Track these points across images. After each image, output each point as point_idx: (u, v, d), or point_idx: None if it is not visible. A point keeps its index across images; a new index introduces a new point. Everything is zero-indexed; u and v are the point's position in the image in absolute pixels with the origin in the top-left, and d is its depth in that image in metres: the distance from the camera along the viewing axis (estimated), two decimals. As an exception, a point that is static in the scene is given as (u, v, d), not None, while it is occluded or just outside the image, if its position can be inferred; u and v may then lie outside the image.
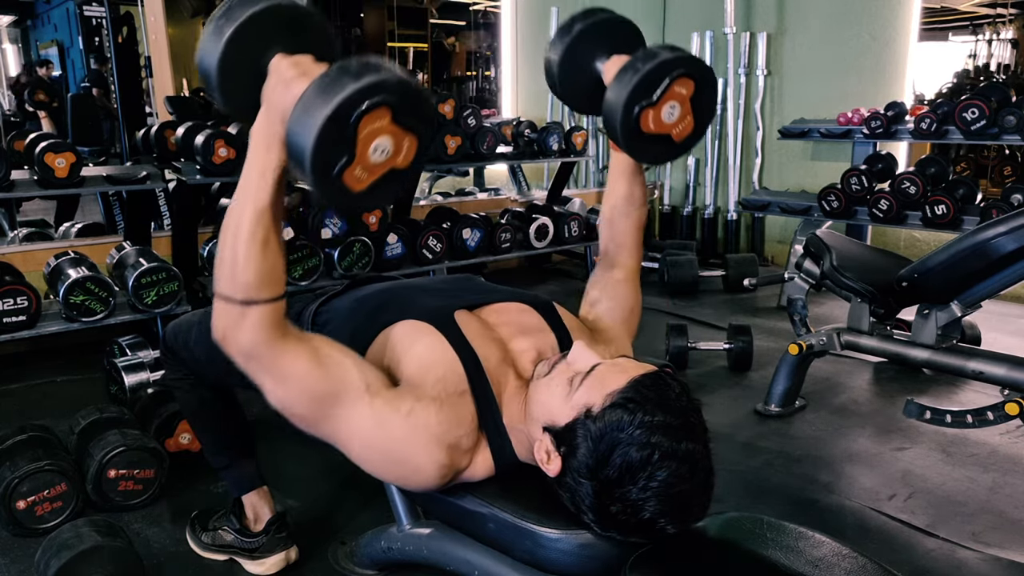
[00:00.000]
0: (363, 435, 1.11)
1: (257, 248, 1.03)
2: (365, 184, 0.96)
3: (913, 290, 2.32)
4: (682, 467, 1.00)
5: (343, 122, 0.89)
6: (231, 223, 1.05)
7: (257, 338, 1.05)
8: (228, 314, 1.06)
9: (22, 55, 11.60)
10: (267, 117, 1.03)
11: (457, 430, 1.12)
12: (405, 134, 0.96)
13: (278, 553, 1.79)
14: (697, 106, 1.21)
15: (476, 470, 1.17)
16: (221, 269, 1.06)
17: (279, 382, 1.09)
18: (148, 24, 4.91)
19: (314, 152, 0.89)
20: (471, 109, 3.99)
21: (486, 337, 1.24)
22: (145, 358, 2.69)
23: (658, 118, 1.18)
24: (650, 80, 1.15)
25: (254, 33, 1.00)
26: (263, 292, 1.05)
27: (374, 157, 0.94)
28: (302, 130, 0.90)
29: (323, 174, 0.92)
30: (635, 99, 1.15)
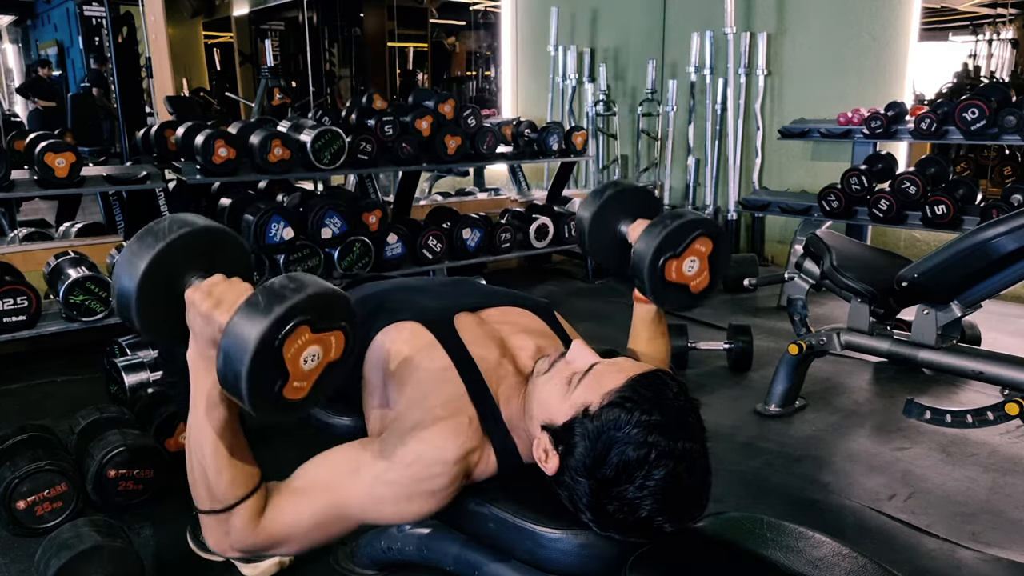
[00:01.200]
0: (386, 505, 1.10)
1: (224, 459, 1.05)
2: (306, 390, 1.00)
3: (913, 290, 2.32)
4: (679, 466, 1.00)
5: (267, 356, 0.92)
6: (194, 447, 1.06)
7: (247, 532, 1.06)
8: (217, 526, 1.07)
9: (22, 55, 11.60)
10: (197, 345, 1.04)
11: (460, 437, 1.12)
12: (330, 334, 0.99)
13: (272, 557, 1.79)
14: (713, 263, 1.36)
15: (480, 470, 1.17)
16: (197, 490, 1.07)
17: (289, 545, 1.10)
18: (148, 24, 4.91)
19: (248, 390, 0.92)
20: (471, 109, 3.99)
21: (485, 335, 1.24)
22: (145, 358, 2.69)
23: (680, 269, 1.33)
24: (675, 235, 1.30)
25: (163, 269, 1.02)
26: (242, 491, 1.06)
27: (307, 366, 0.98)
28: (231, 375, 0.93)
29: (265, 403, 0.95)
30: (662, 251, 1.30)
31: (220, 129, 3.22)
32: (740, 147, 5.06)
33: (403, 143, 3.69)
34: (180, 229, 1.03)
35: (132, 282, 1.01)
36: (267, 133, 3.23)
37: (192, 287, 1.03)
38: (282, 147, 3.22)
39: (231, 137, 3.17)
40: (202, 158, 3.11)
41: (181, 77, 7.83)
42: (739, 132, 5.05)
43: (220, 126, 3.34)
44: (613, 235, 1.45)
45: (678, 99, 5.33)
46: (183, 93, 7.81)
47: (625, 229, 1.43)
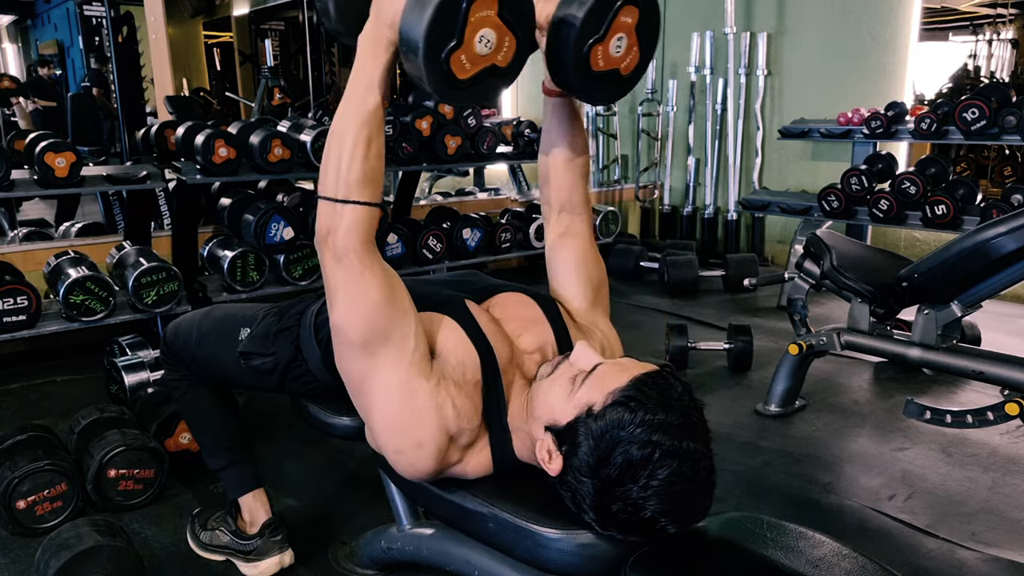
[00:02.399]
0: (388, 386, 1.13)
1: (362, 149, 1.10)
2: (469, 73, 1.03)
3: (913, 290, 2.32)
4: (683, 466, 1.00)
5: (456, 4, 0.97)
6: (338, 126, 1.11)
7: (351, 241, 1.11)
8: (331, 213, 1.11)
9: (22, 55, 11.60)
10: (376, 23, 1.09)
11: (464, 423, 1.13)
12: (507, 32, 1.04)
13: (272, 556, 1.79)
14: (642, 35, 1.14)
15: (472, 467, 1.17)
16: (327, 170, 1.12)
17: (350, 299, 1.13)
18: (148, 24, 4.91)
19: (428, 30, 0.97)
20: (471, 109, 3.99)
21: (496, 332, 1.24)
22: (145, 358, 2.69)
23: (607, 53, 1.11)
24: (596, 12, 1.07)
25: None
26: (363, 193, 1.11)
27: (479, 47, 1.02)
28: (417, 11, 0.98)
29: (433, 54, 0.99)
30: (585, 37, 1.08)
31: (220, 129, 3.22)
32: (740, 147, 5.06)
33: (403, 143, 3.69)
34: None
35: None
36: (267, 133, 3.23)
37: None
38: (282, 147, 3.22)
39: (231, 137, 3.17)
40: (202, 158, 3.11)
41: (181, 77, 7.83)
42: (739, 132, 5.05)
43: (220, 126, 3.34)
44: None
45: (678, 99, 5.33)
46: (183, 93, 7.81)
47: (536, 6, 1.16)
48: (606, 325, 1.41)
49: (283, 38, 10.22)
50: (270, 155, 3.20)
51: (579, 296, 1.40)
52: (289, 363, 1.47)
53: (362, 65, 1.10)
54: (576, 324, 1.35)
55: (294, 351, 1.47)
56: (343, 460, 2.35)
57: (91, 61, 7.41)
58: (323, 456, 2.36)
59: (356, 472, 2.29)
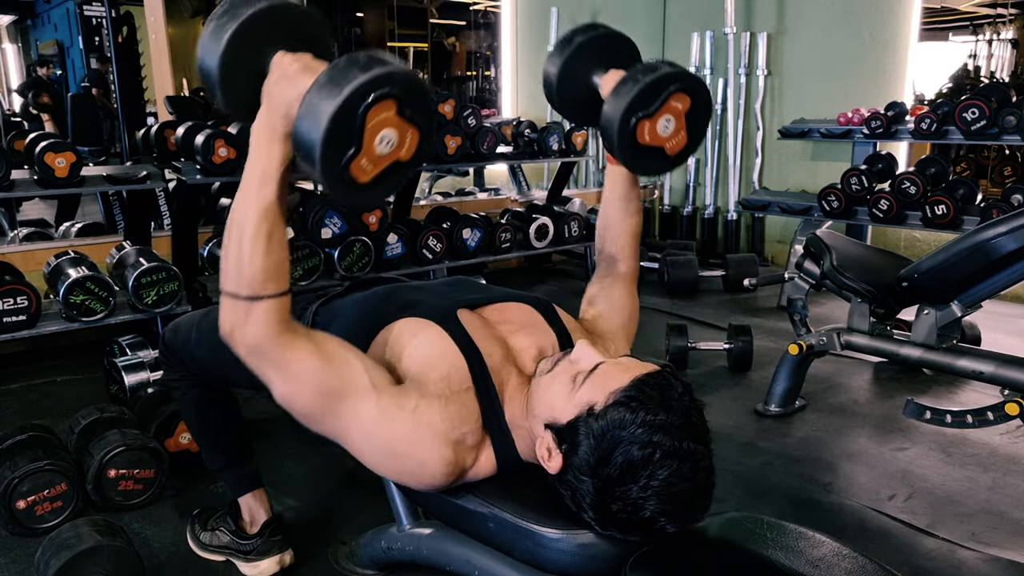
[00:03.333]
0: (368, 431, 1.10)
1: (262, 244, 1.04)
2: (370, 176, 0.98)
3: (913, 290, 2.32)
4: (683, 466, 1.00)
5: (352, 113, 0.92)
6: (235, 221, 1.06)
7: (263, 334, 1.06)
8: (235, 311, 1.07)
9: (22, 55, 11.60)
10: (268, 113, 1.03)
11: (462, 427, 1.12)
12: (408, 127, 0.99)
13: (272, 556, 1.79)
14: (691, 122, 1.23)
15: (478, 469, 1.17)
16: (227, 266, 1.07)
17: (285, 379, 1.09)
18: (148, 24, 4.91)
19: (324, 143, 0.92)
20: (471, 109, 3.98)
21: (488, 334, 1.24)
22: (145, 358, 2.69)
23: (653, 130, 1.19)
24: (648, 92, 1.17)
25: (256, 32, 1.02)
26: (268, 287, 1.05)
27: (380, 148, 0.97)
28: (311, 121, 0.92)
29: (332, 165, 0.94)
30: (633, 110, 1.17)
31: (220, 129, 3.22)
32: (740, 147, 5.06)
33: (403, 143, 3.68)
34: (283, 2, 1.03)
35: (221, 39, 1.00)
36: (267, 133, 3.22)
37: (282, 52, 1.03)
38: (282, 147, 3.22)
39: (231, 137, 3.17)
40: (202, 158, 3.11)
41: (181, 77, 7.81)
42: (739, 132, 5.05)
43: (220, 126, 3.34)
44: (585, 89, 1.32)
45: (678, 99, 5.33)
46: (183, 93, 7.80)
47: (598, 81, 1.29)
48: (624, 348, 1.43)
49: (283, 38, 10.21)
50: (270, 155, 3.19)
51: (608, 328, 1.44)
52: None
53: (255, 157, 1.04)
54: (579, 329, 1.35)
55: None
56: (343, 460, 2.35)
57: (91, 61, 7.41)
58: (323, 456, 2.36)
59: (356, 472, 2.29)
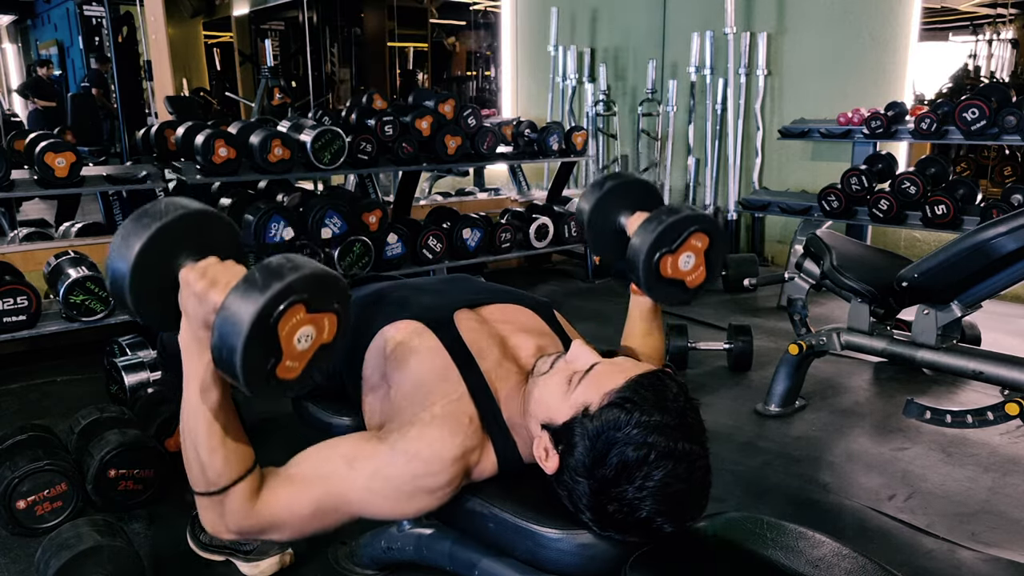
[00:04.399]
0: (386, 500, 1.10)
1: (217, 442, 1.05)
2: (298, 371, 1.00)
3: (913, 290, 2.32)
4: (679, 467, 1.00)
5: (262, 332, 0.93)
6: (187, 430, 1.06)
7: (243, 517, 1.06)
8: (212, 507, 1.07)
9: (22, 55, 11.61)
10: (189, 327, 1.04)
11: (459, 436, 1.12)
12: (324, 316, 1.00)
13: (272, 556, 1.79)
14: (709, 259, 1.35)
15: (480, 469, 1.17)
16: (192, 472, 1.07)
17: (283, 531, 1.10)
18: (148, 24, 4.91)
19: (243, 367, 0.93)
20: (471, 109, 3.99)
21: (485, 334, 1.24)
22: (145, 358, 2.69)
23: (675, 264, 1.32)
24: (671, 231, 1.30)
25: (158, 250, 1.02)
26: (236, 473, 1.06)
27: (300, 346, 0.98)
28: (226, 352, 0.94)
29: (257, 380, 0.96)
30: (658, 245, 1.29)
31: (220, 129, 3.22)
32: (740, 147, 5.06)
33: (403, 143, 3.69)
34: (176, 211, 1.03)
35: (126, 262, 1.01)
36: (267, 133, 3.23)
37: (187, 267, 1.03)
38: (282, 147, 3.22)
39: (231, 137, 3.17)
40: (202, 158, 3.11)
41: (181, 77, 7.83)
42: (739, 132, 5.05)
43: (220, 126, 3.34)
44: (613, 227, 1.45)
45: (678, 99, 5.33)
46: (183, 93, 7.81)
47: (624, 221, 1.43)
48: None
49: (283, 38, 10.22)
50: (270, 155, 3.20)
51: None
52: (288, 363, 1.47)
53: (190, 367, 1.05)
54: (577, 333, 1.36)
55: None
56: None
57: (91, 61, 7.42)
58: (323, 456, 2.36)
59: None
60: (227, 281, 0.97)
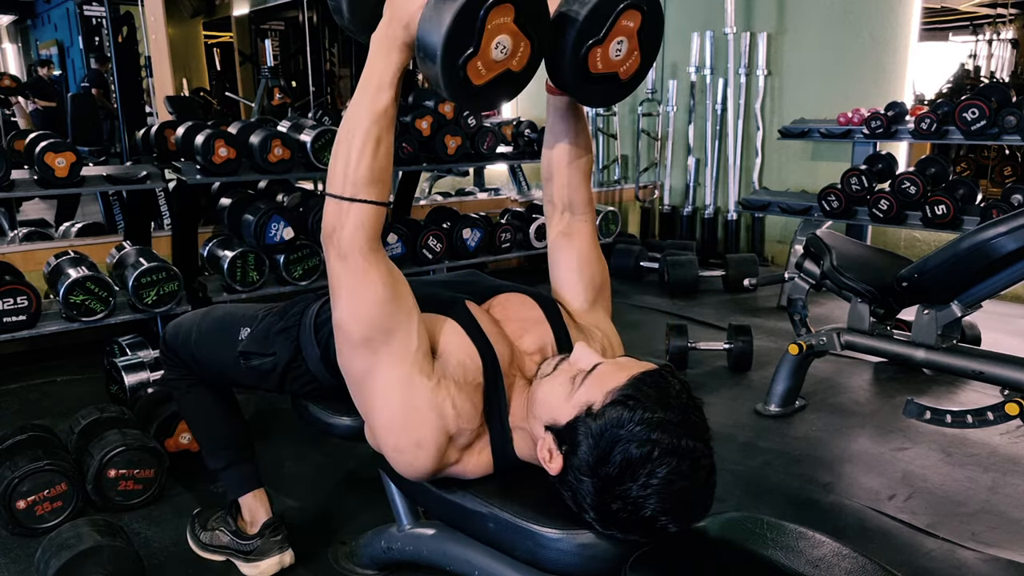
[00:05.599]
0: (389, 385, 1.13)
1: (371, 148, 1.10)
2: (485, 79, 1.04)
3: (913, 290, 2.32)
4: (683, 464, 1.00)
5: (473, 12, 0.98)
6: (348, 124, 1.11)
7: (355, 238, 1.10)
8: (337, 211, 1.11)
9: (22, 55, 11.60)
10: (390, 23, 1.09)
11: (464, 423, 1.13)
12: (522, 37, 1.04)
13: (272, 556, 1.79)
14: (644, 40, 1.14)
15: (473, 466, 1.17)
16: (335, 168, 1.12)
17: (352, 297, 1.12)
18: (148, 24, 4.91)
19: (447, 38, 0.98)
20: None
21: (496, 334, 1.24)
22: (145, 358, 2.69)
23: (606, 56, 1.11)
24: (596, 15, 1.08)
25: None
26: (370, 191, 1.10)
27: (495, 53, 1.03)
28: (435, 19, 0.99)
29: (451, 61, 1.00)
30: (583, 39, 1.09)
31: (220, 129, 3.22)
32: (740, 147, 5.06)
33: (403, 143, 3.69)
34: None
35: None
36: (267, 133, 3.23)
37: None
38: (282, 147, 3.22)
39: (231, 137, 3.17)
40: (202, 158, 3.11)
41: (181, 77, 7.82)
42: (739, 132, 5.05)
43: (220, 126, 3.34)
44: None
45: (678, 99, 5.34)
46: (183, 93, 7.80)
47: None
48: (607, 326, 1.40)
49: (283, 38, 10.22)
50: (270, 155, 3.20)
51: (580, 296, 1.39)
52: (289, 363, 1.47)
53: (374, 64, 1.10)
54: (577, 325, 1.35)
55: (294, 351, 1.47)
56: (343, 460, 2.35)
57: (91, 61, 7.42)
58: (323, 456, 2.36)
59: (356, 472, 2.29)
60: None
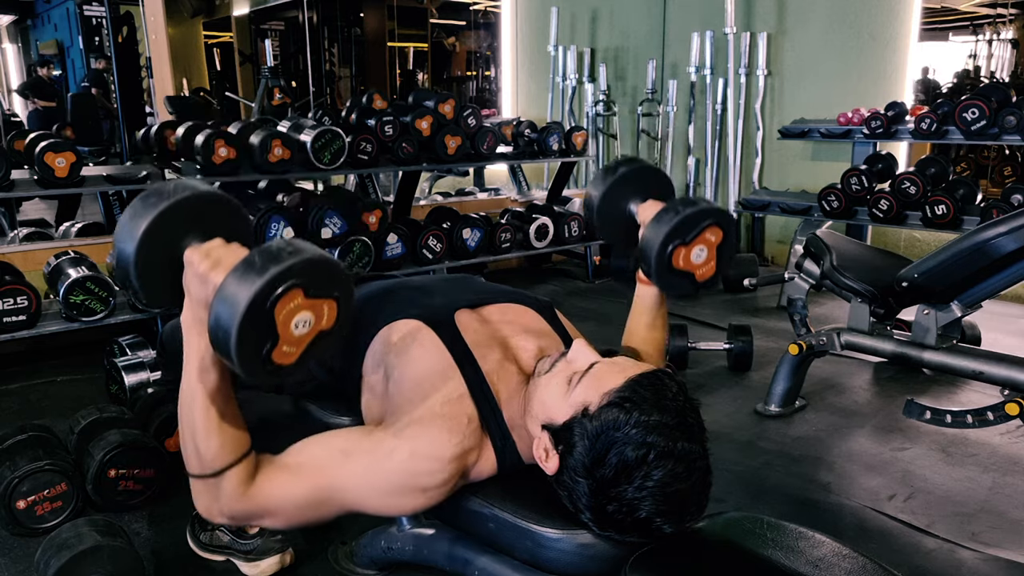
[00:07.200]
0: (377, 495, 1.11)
1: (215, 424, 1.05)
2: (295, 356, 1.00)
3: (913, 290, 2.32)
4: (678, 467, 1.00)
5: (258, 316, 0.93)
6: (184, 411, 1.06)
7: (236, 499, 1.06)
8: (207, 491, 1.07)
9: (22, 55, 11.61)
10: (191, 308, 1.04)
11: (458, 436, 1.12)
12: (323, 302, 1.00)
13: (273, 556, 1.79)
14: (720, 254, 1.35)
15: (479, 469, 1.17)
16: (187, 454, 1.08)
17: (276, 518, 1.10)
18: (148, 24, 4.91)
19: (238, 349, 0.93)
20: (471, 109, 3.99)
21: (487, 335, 1.24)
22: (145, 358, 2.69)
23: (688, 257, 1.31)
24: (687, 223, 1.28)
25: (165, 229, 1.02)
26: (231, 457, 1.06)
27: (297, 332, 0.98)
28: (221, 333, 0.94)
29: (252, 363, 0.96)
30: (672, 237, 1.28)
31: (220, 129, 3.22)
32: (740, 147, 5.06)
33: (403, 143, 3.69)
34: (184, 192, 1.03)
35: (132, 240, 1.01)
36: (267, 133, 3.23)
37: (191, 248, 1.03)
38: (282, 147, 3.22)
39: (231, 137, 3.17)
40: (202, 158, 3.11)
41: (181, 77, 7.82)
42: (739, 132, 5.05)
43: (220, 126, 3.34)
44: (623, 214, 1.44)
45: (678, 99, 5.33)
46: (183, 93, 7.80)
47: (635, 208, 1.41)
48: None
49: (283, 38, 10.23)
50: (270, 155, 3.20)
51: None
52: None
53: (191, 348, 1.06)
54: (578, 332, 1.36)
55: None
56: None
57: (91, 61, 7.42)
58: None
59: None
60: (230, 263, 0.97)
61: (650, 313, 1.47)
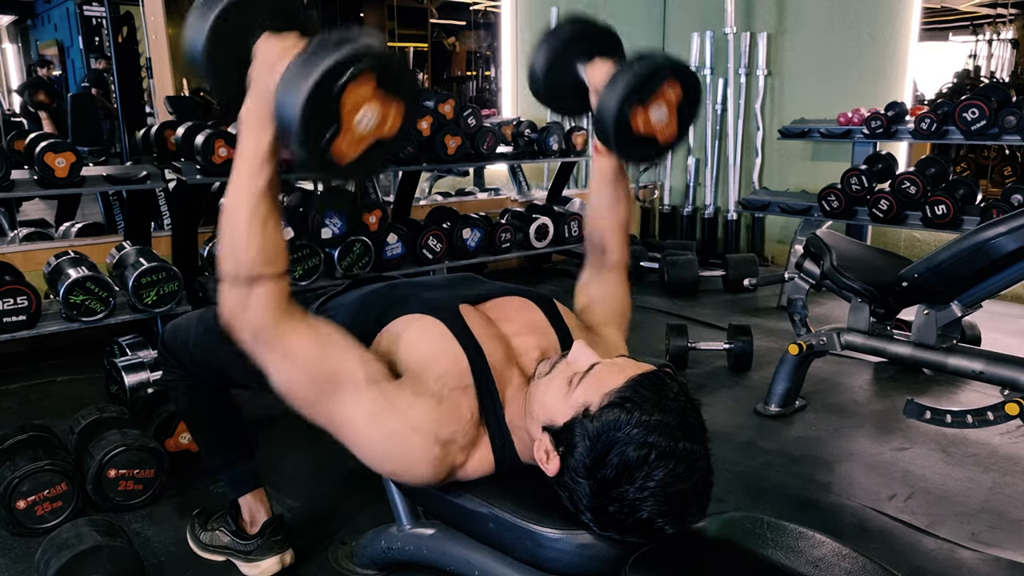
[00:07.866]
0: (358, 425, 1.11)
1: (257, 227, 1.06)
2: (353, 154, 0.97)
3: (913, 290, 2.32)
4: (679, 467, 1.00)
5: (327, 93, 0.90)
6: (230, 207, 1.07)
7: (263, 316, 1.07)
8: (234, 295, 1.08)
9: (22, 55, 11.60)
10: (255, 99, 1.03)
11: (454, 426, 1.12)
12: (390, 102, 0.96)
13: (273, 556, 1.79)
14: (682, 111, 1.25)
15: (474, 467, 1.17)
16: (224, 252, 1.09)
17: (282, 362, 1.10)
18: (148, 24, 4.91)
19: (301, 125, 0.90)
20: (471, 109, 3.98)
21: (490, 333, 1.24)
22: (145, 358, 2.69)
23: (647, 119, 1.21)
24: (643, 81, 1.19)
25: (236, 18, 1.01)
26: (267, 268, 1.07)
27: (361, 127, 0.95)
28: (288, 105, 0.91)
29: (311, 147, 0.93)
30: (628, 99, 1.18)
31: (220, 129, 3.22)
32: (740, 147, 5.06)
33: (403, 143, 3.69)
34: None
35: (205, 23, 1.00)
36: (267, 133, 3.22)
37: (264, 38, 1.01)
38: (282, 147, 3.22)
39: (231, 137, 3.16)
40: (202, 158, 3.11)
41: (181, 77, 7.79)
42: (739, 132, 5.05)
43: (220, 126, 3.34)
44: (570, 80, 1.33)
45: (678, 99, 5.33)
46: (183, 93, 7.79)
47: (584, 70, 1.30)
48: (618, 338, 1.43)
49: (283, 38, 10.21)
50: (270, 155, 3.19)
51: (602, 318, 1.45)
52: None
53: (245, 143, 1.04)
54: (580, 327, 1.35)
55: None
56: (343, 460, 2.34)
57: (91, 61, 7.41)
58: (323, 456, 2.36)
59: (356, 472, 2.29)
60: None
61: (611, 188, 1.41)
